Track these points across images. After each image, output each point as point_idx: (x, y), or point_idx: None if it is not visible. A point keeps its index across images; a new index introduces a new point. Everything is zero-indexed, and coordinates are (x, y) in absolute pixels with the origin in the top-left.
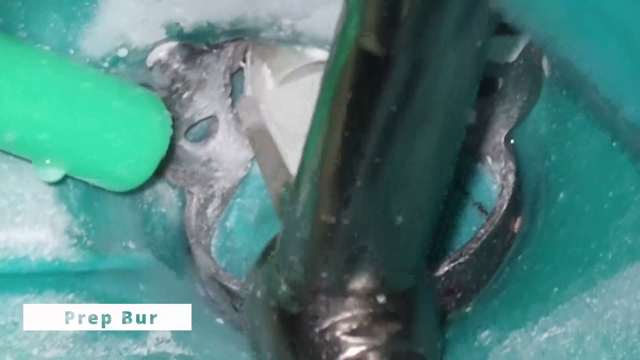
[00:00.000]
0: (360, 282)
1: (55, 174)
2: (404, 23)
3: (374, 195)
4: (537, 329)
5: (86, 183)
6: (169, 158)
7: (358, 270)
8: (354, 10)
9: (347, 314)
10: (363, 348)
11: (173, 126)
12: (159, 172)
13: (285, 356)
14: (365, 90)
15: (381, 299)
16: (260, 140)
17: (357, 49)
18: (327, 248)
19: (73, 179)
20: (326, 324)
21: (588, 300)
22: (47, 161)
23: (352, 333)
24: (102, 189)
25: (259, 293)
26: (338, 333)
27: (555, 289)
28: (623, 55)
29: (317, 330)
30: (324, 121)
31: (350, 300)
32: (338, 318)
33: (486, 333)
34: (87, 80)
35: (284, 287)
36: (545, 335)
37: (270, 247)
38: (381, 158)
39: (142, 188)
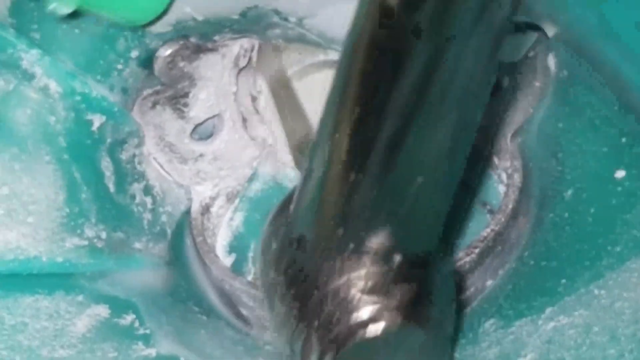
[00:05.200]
0: (377, 240)
1: (68, 3)
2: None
3: (396, 156)
4: (543, 318)
5: (97, 185)
6: (175, 157)
7: (375, 229)
8: None
9: (363, 272)
10: (377, 307)
11: None
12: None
13: (299, 312)
14: (395, 53)
15: (397, 259)
16: (281, 91)
17: (388, 15)
18: (345, 205)
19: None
20: (341, 280)
21: (596, 292)
22: None
23: (367, 291)
24: (108, 181)
25: (274, 246)
26: (353, 290)
27: (563, 281)
28: None
29: (331, 286)
30: (351, 80)
31: (367, 258)
32: (353, 275)
33: (491, 321)
34: None
35: (300, 242)
36: (552, 324)
37: (287, 201)
38: (405, 121)
39: (150, 187)
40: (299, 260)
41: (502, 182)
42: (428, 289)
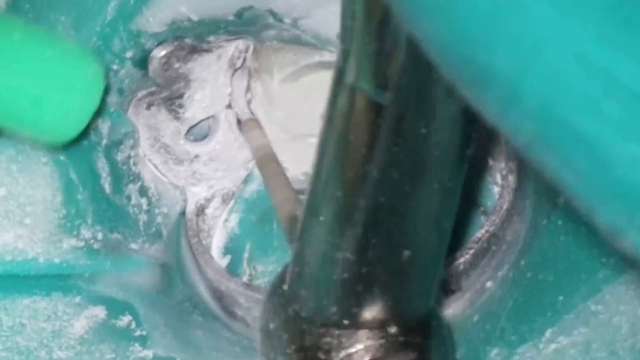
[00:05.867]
0: (370, 314)
1: None
2: (395, 78)
3: (380, 232)
4: (544, 341)
5: (93, 186)
6: (171, 158)
7: (368, 304)
8: (354, 59)
9: (360, 346)
10: None
11: (107, 79)
12: (162, 173)
13: None
14: (368, 133)
15: (393, 330)
16: (268, 164)
17: (359, 96)
18: (335, 283)
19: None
20: (339, 356)
21: (593, 307)
22: None
23: None
24: (104, 192)
25: (271, 326)
26: None
27: (560, 298)
28: (592, 168)
29: None
30: (329, 162)
31: (362, 333)
32: (351, 350)
33: (496, 351)
34: (17, 30)
35: (295, 321)
36: (553, 346)
37: (281, 279)
38: (385, 197)
39: (145, 188)
40: (296, 340)
41: (496, 183)
42: (425, 351)
